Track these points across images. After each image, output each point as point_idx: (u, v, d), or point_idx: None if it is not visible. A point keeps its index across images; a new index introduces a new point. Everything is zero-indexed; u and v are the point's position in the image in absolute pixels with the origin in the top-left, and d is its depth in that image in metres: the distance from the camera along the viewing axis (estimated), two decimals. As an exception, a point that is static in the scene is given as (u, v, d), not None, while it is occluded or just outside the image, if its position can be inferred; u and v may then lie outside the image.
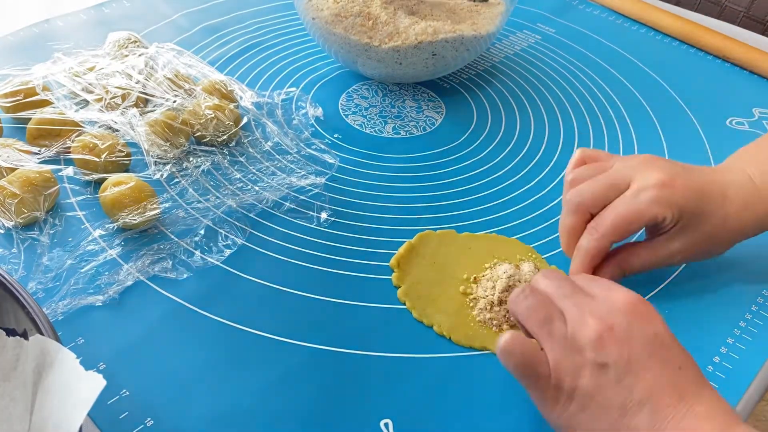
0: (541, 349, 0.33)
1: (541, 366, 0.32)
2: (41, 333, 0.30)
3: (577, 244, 0.41)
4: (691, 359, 0.32)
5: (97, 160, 0.46)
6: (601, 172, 0.41)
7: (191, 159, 0.49)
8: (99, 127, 0.50)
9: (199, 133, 0.50)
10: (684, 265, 0.45)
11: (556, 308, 0.33)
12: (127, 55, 0.55)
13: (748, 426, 0.30)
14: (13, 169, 0.44)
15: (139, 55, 0.55)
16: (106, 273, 0.41)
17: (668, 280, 0.44)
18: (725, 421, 0.30)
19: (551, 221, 0.48)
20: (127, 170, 0.47)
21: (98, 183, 0.46)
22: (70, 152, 0.47)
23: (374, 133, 0.56)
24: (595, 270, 0.41)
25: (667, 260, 0.41)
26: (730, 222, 0.40)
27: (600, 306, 0.32)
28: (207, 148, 0.51)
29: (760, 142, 0.44)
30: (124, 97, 0.51)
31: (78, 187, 0.47)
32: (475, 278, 0.43)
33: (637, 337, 0.31)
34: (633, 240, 0.44)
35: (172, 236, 0.44)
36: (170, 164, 0.48)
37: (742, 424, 0.30)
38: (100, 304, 0.39)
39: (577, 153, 0.43)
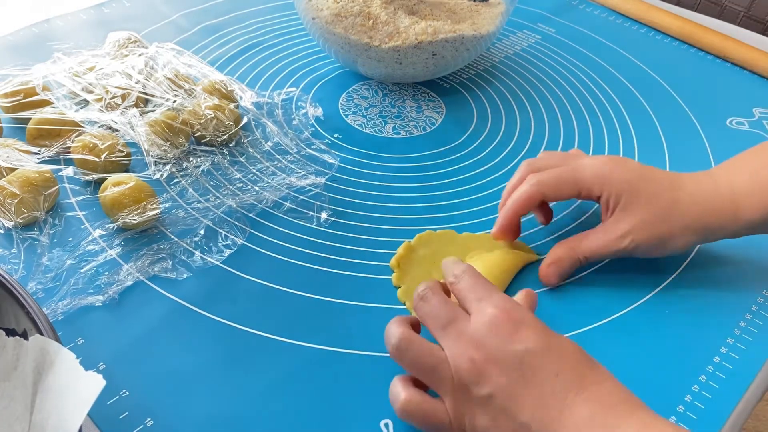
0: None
1: (441, 417, 0.32)
2: (41, 333, 0.30)
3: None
4: (569, 358, 0.31)
5: (97, 160, 0.46)
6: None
7: (191, 159, 0.49)
8: (99, 127, 0.50)
9: (199, 133, 0.50)
10: (684, 266, 0.45)
11: (438, 350, 0.33)
12: (127, 55, 0.55)
13: (642, 410, 0.30)
14: (13, 169, 0.44)
15: (139, 55, 0.55)
16: (106, 273, 0.41)
17: (668, 280, 0.44)
18: (607, 411, 0.30)
19: (552, 220, 0.48)
20: (127, 170, 0.47)
21: (98, 183, 0.46)
22: (70, 152, 0.47)
23: (374, 133, 0.56)
24: (555, 260, 0.42)
25: (618, 243, 0.41)
26: (681, 209, 0.40)
27: (473, 329, 0.32)
28: (207, 148, 0.51)
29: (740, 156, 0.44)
30: (124, 97, 0.51)
31: (78, 187, 0.47)
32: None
33: (507, 359, 0.31)
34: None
35: (172, 236, 0.44)
36: (170, 164, 0.48)
37: (634, 408, 0.30)
38: (100, 304, 0.39)
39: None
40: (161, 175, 0.48)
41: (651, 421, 0.30)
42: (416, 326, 0.36)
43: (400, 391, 0.33)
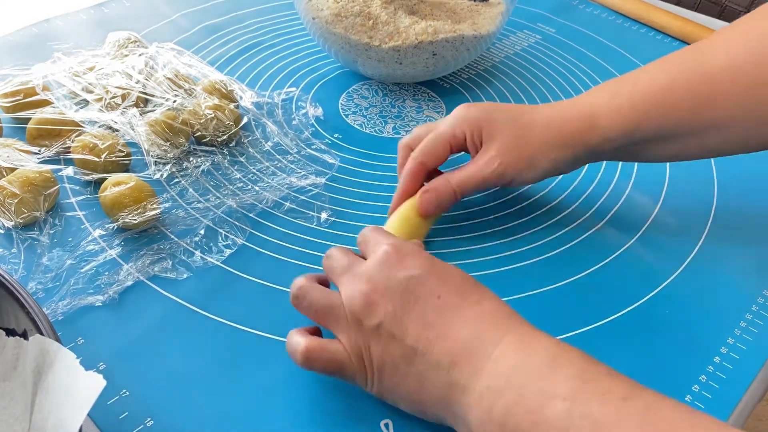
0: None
1: (341, 356, 0.33)
2: (41, 333, 0.30)
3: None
4: (452, 281, 0.33)
5: (97, 160, 0.46)
6: None
7: (191, 159, 0.49)
8: (99, 127, 0.50)
9: (199, 133, 0.50)
10: (684, 266, 0.45)
11: (334, 293, 0.35)
12: (127, 55, 0.55)
13: (523, 325, 0.31)
14: (13, 169, 0.44)
15: (139, 55, 0.55)
16: (106, 273, 0.41)
17: (668, 280, 0.44)
18: (487, 327, 0.31)
19: (553, 220, 0.48)
20: (127, 170, 0.47)
21: (98, 183, 0.46)
22: (70, 152, 0.47)
23: (374, 133, 0.56)
24: (429, 187, 0.44)
25: (487, 168, 0.43)
26: (540, 127, 0.43)
27: (365, 267, 0.34)
28: (207, 148, 0.51)
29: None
30: (124, 97, 0.51)
31: (78, 187, 0.47)
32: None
33: (393, 287, 0.32)
34: None
35: (172, 236, 0.44)
36: (170, 164, 0.48)
37: (516, 324, 0.31)
38: (100, 304, 0.39)
39: None
40: (161, 175, 0.48)
41: (529, 332, 0.31)
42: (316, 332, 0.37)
43: (298, 340, 0.34)
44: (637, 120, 0.41)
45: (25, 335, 0.31)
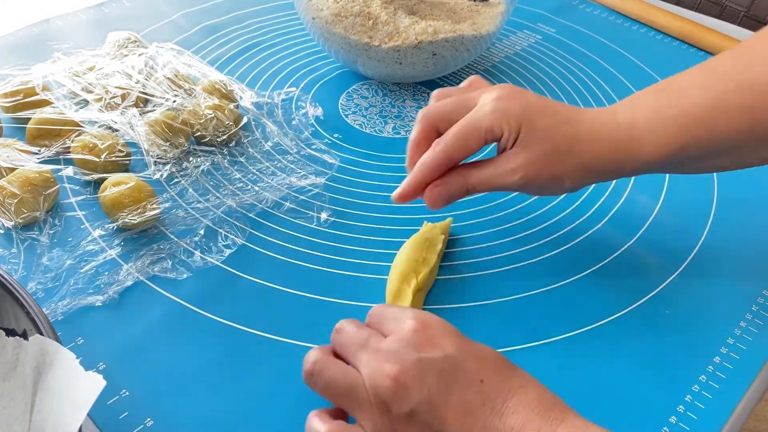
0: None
1: None
2: (41, 333, 0.30)
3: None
4: (492, 363, 0.30)
5: (96, 160, 0.46)
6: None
7: (191, 159, 0.49)
8: (99, 127, 0.50)
9: (199, 133, 0.50)
10: (684, 266, 0.45)
11: (354, 371, 0.31)
12: (126, 55, 0.55)
13: (572, 415, 0.29)
14: (13, 169, 0.44)
15: (139, 55, 0.55)
16: (106, 273, 0.41)
17: (668, 280, 0.44)
18: (538, 417, 0.28)
19: (553, 220, 0.48)
20: (127, 170, 0.47)
21: (98, 183, 0.46)
22: (69, 152, 0.47)
23: (374, 133, 0.56)
24: (442, 182, 0.39)
25: (508, 177, 0.38)
26: (579, 146, 0.38)
27: (389, 343, 0.31)
28: (207, 148, 0.51)
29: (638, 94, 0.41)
30: (123, 97, 0.51)
31: (78, 187, 0.47)
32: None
33: (428, 369, 0.29)
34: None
35: (172, 236, 0.44)
36: (170, 164, 0.48)
37: (564, 413, 0.29)
38: (100, 304, 0.39)
39: (467, 82, 0.43)
40: (161, 175, 0.48)
41: (581, 426, 0.28)
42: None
43: (318, 427, 0.31)
44: (684, 143, 0.37)
45: (25, 335, 0.31)
